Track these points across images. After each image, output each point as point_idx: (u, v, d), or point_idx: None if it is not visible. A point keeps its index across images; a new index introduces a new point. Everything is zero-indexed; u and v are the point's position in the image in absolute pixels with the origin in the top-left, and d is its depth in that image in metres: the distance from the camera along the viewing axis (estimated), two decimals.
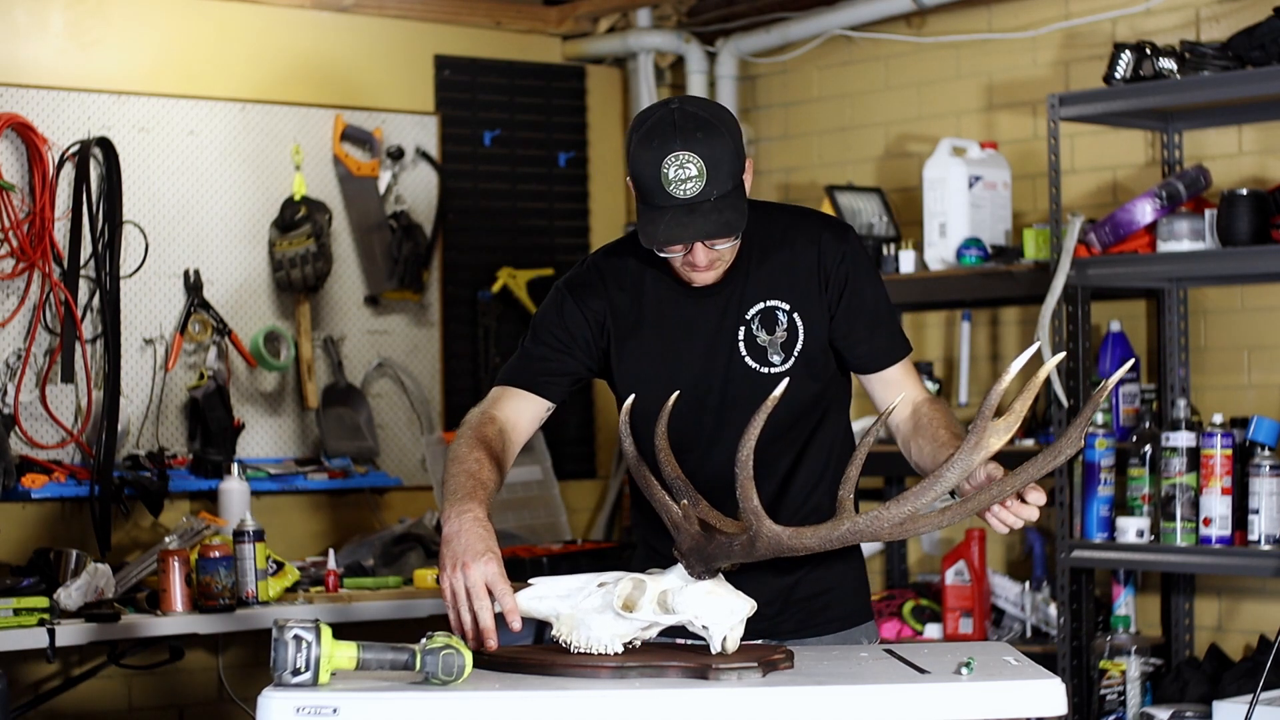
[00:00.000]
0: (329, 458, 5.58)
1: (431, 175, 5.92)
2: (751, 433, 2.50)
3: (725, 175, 2.82)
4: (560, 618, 2.66)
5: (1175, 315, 5.01)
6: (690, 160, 2.80)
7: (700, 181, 2.81)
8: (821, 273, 2.99)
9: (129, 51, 5.41)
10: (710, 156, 2.81)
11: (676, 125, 2.83)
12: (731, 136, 2.85)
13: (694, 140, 2.81)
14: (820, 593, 3.07)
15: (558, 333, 3.06)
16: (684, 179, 2.81)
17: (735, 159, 2.84)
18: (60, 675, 5.05)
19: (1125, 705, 4.78)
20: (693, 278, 2.96)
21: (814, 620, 3.06)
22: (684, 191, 2.81)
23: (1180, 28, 5.07)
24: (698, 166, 2.80)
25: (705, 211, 2.82)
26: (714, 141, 2.82)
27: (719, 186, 2.82)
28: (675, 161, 2.81)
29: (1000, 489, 2.53)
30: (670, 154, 2.81)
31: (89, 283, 5.20)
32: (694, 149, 2.81)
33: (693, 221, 2.83)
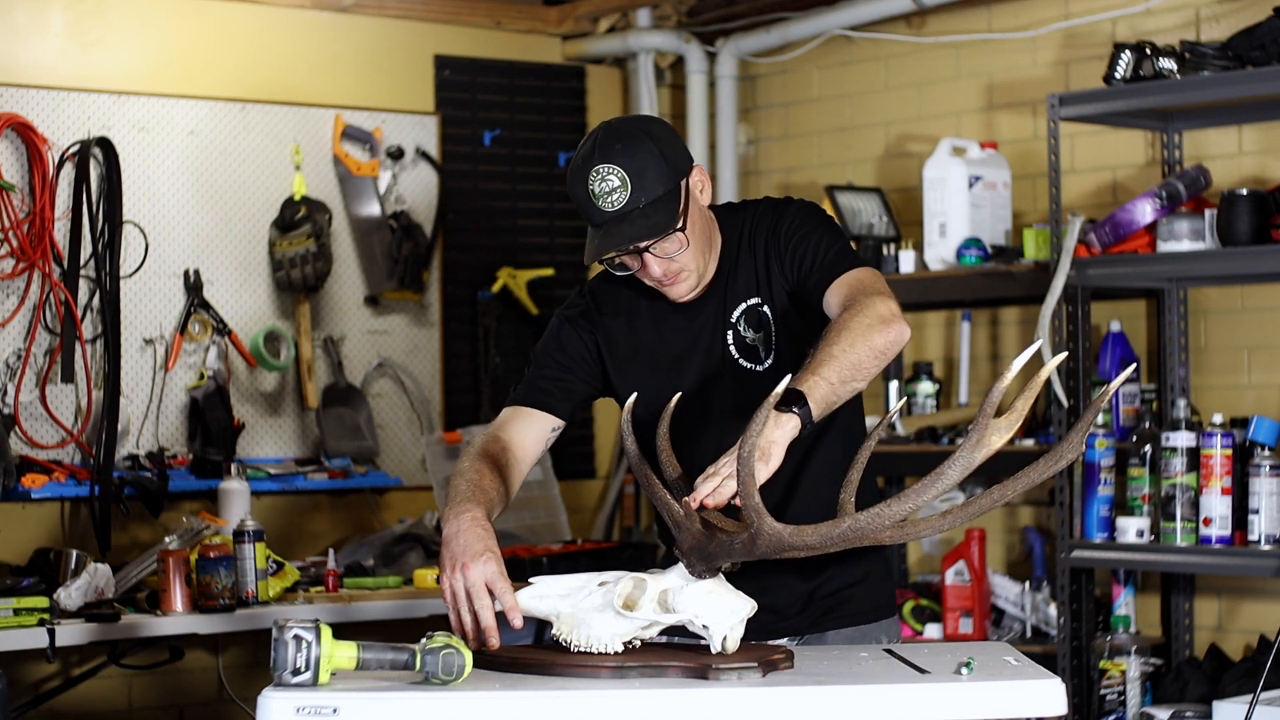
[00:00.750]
0: (329, 458, 5.58)
1: (431, 175, 5.92)
2: (753, 430, 2.50)
3: (651, 181, 2.89)
4: (560, 617, 2.66)
5: (1175, 315, 5.01)
6: (611, 172, 2.88)
7: (625, 191, 2.88)
8: (772, 251, 3.02)
9: (129, 51, 5.41)
10: (631, 166, 2.88)
11: (598, 143, 2.92)
12: (659, 143, 2.91)
13: (613, 153, 2.89)
14: (842, 589, 3.08)
15: (558, 358, 3.10)
16: (608, 191, 2.88)
17: (662, 164, 2.89)
18: (60, 675, 5.05)
19: (1125, 705, 4.78)
20: (667, 292, 3.01)
21: (833, 615, 3.08)
22: (611, 204, 2.89)
23: (1180, 28, 5.07)
24: (619, 177, 2.88)
25: (634, 219, 2.89)
26: (634, 151, 2.89)
27: (646, 194, 2.89)
28: (597, 176, 2.89)
29: (1002, 492, 2.53)
30: (592, 169, 2.90)
31: (89, 283, 5.20)
32: (613, 161, 2.88)
33: (620, 230, 2.89)
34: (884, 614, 3.14)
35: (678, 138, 2.99)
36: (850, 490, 2.76)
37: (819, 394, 2.68)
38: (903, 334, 2.80)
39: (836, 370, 2.71)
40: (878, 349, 2.75)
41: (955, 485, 2.50)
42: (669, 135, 2.96)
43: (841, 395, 2.73)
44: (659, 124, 2.98)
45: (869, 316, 2.77)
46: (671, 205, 2.91)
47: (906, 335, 2.81)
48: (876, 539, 2.54)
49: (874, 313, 2.78)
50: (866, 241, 5.37)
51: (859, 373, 2.74)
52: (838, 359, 2.72)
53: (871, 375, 2.77)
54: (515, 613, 2.70)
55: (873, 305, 2.79)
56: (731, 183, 6.21)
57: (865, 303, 2.80)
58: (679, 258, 2.95)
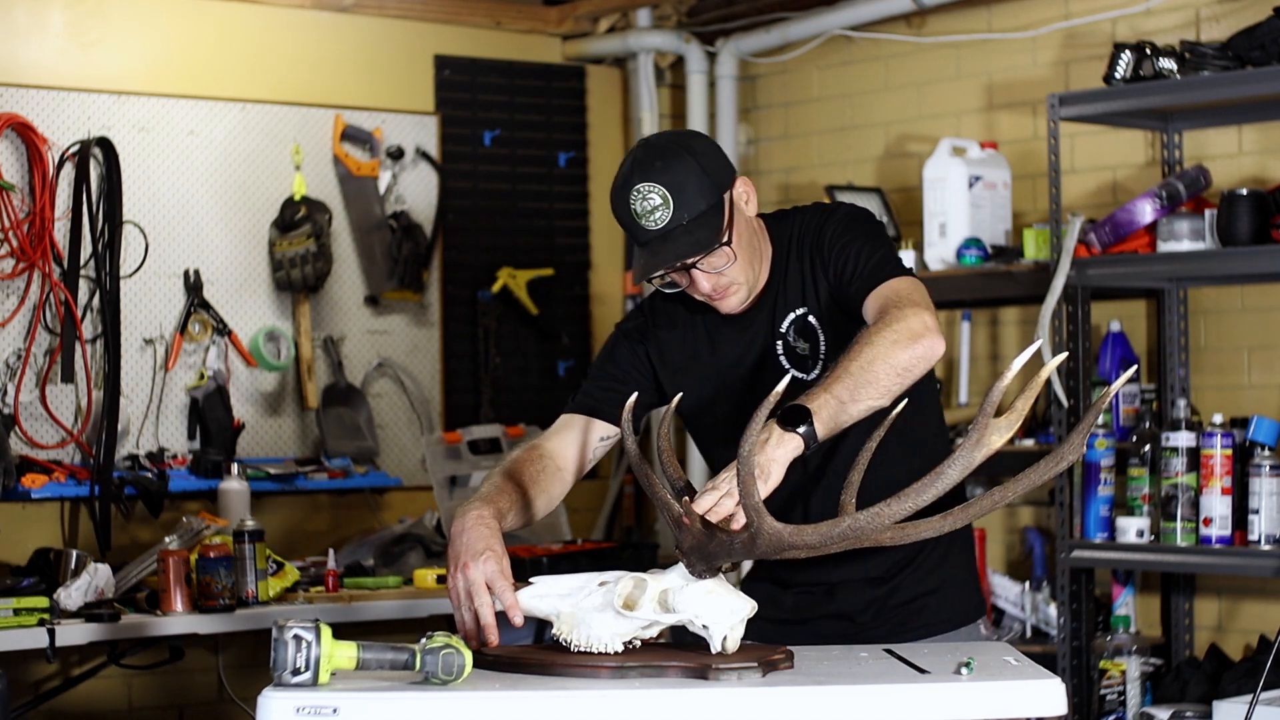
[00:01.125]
0: (329, 458, 5.58)
1: (431, 175, 5.92)
2: (753, 428, 2.50)
3: (694, 197, 2.87)
4: (561, 616, 2.66)
5: (1175, 315, 5.01)
6: (652, 190, 2.87)
7: (667, 209, 2.86)
8: (817, 259, 2.99)
9: (129, 51, 5.41)
10: (671, 183, 2.86)
11: (637, 161, 2.90)
12: (699, 157, 2.89)
13: (652, 171, 2.87)
14: (916, 597, 3.03)
15: (611, 370, 3.11)
16: (650, 210, 2.87)
17: (703, 179, 2.88)
18: (60, 675, 5.05)
19: (1125, 705, 4.78)
20: (718, 306, 2.99)
21: (908, 625, 3.02)
22: (654, 222, 2.87)
23: (1180, 28, 5.07)
24: (660, 195, 2.86)
25: (678, 236, 2.87)
26: (674, 167, 2.87)
27: (689, 210, 2.87)
28: (638, 195, 2.88)
29: (1003, 494, 2.53)
30: (633, 189, 2.88)
31: (89, 283, 5.20)
32: (653, 179, 2.87)
33: (665, 248, 2.88)
34: (963, 621, 3.06)
35: (719, 151, 2.96)
36: (851, 491, 2.76)
37: (826, 413, 2.66)
38: (933, 349, 2.73)
39: (849, 388, 2.67)
40: (900, 366, 2.70)
41: (955, 485, 2.50)
42: (710, 149, 2.94)
43: (853, 414, 2.69)
44: (699, 138, 2.96)
45: (896, 331, 2.72)
46: (715, 220, 2.89)
47: (938, 350, 2.74)
48: (876, 540, 2.54)
49: (903, 326, 2.73)
50: None
51: (875, 390, 2.69)
52: (853, 376, 2.68)
53: (893, 391, 2.71)
54: (515, 610, 2.71)
55: (904, 319, 2.74)
56: None
57: (896, 315, 2.75)
58: (727, 271, 2.93)
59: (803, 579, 3.06)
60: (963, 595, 3.09)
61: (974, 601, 3.11)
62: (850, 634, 3.02)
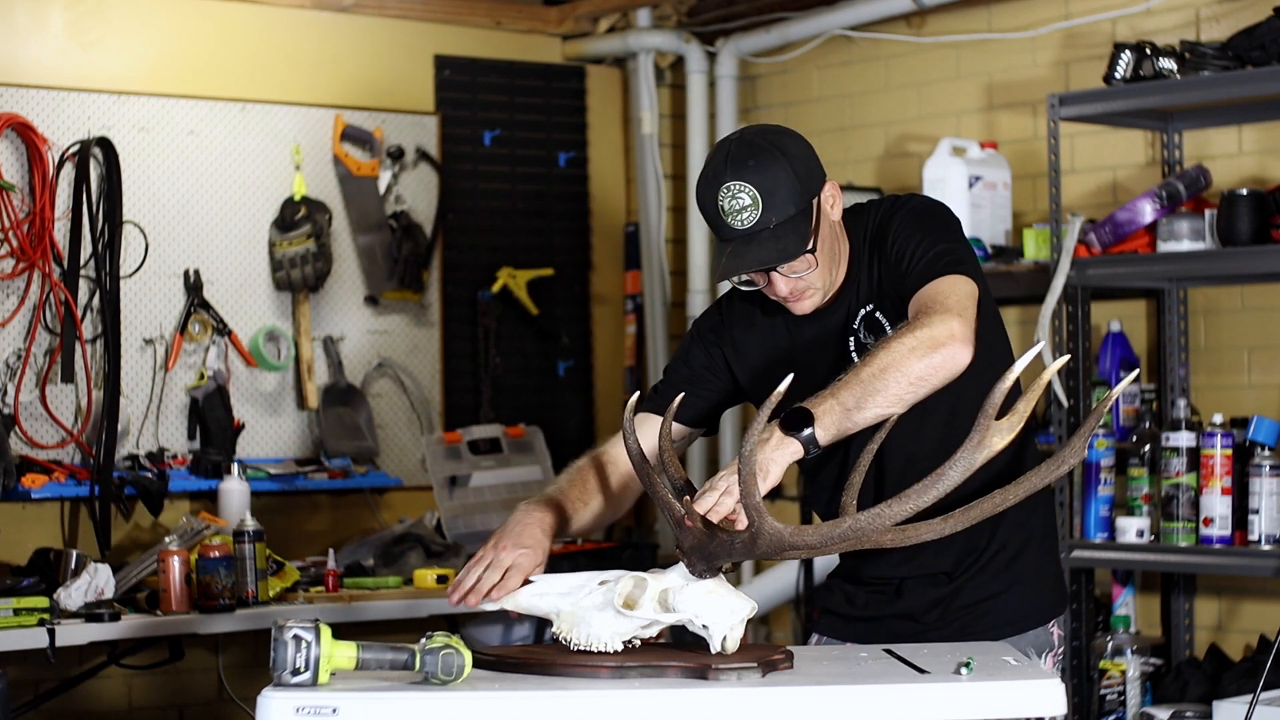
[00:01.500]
0: (329, 458, 5.58)
1: (431, 175, 5.92)
2: (755, 428, 2.50)
3: (784, 201, 2.82)
4: (561, 615, 2.66)
5: (1175, 315, 5.01)
6: (743, 190, 2.82)
7: (755, 210, 2.81)
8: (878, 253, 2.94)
9: (129, 51, 5.41)
10: (763, 184, 2.81)
11: (730, 156, 2.84)
12: (793, 160, 2.84)
13: (745, 169, 2.82)
14: (980, 600, 2.98)
15: (684, 371, 3.10)
16: (738, 209, 2.82)
17: (795, 183, 2.83)
18: (60, 675, 5.05)
19: (1125, 705, 4.78)
20: (791, 307, 2.95)
21: (972, 629, 2.96)
22: (741, 222, 2.82)
23: (1180, 28, 5.07)
24: (750, 195, 2.81)
25: (763, 240, 2.82)
26: (768, 168, 2.82)
27: (777, 213, 2.82)
28: (728, 193, 2.82)
29: (1004, 496, 2.53)
30: (723, 185, 2.83)
31: (89, 283, 5.20)
32: (745, 178, 2.81)
33: (749, 251, 2.83)
34: (1030, 624, 3.00)
35: (812, 153, 2.92)
36: (852, 493, 2.75)
37: (829, 419, 2.64)
38: (955, 358, 2.68)
39: (856, 395, 2.65)
40: (914, 375, 2.66)
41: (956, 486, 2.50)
42: (804, 151, 2.89)
43: (859, 421, 2.67)
44: (793, 138, 2.91)
45: (916, 338, 2.68)
46: (802, 227, 2.84)
47: (959, 360, 2.69)
48: (877, 541, 2.54)
49: (925, 334, 2.68)
50: None
51: (885, 398, 2.66)
52: (864, 384, 2.66)
53: (907, 400, 2.68)
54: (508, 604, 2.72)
55: (929, 325, 2.70)
56: None
57: (922, 321, 2.71)
58: (806, 276, 2.89)
59: (872, 574, 3.02)
60: (1032, 597, 3.01)
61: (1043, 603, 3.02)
62: (916, 634, 2.97)
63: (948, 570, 2.98)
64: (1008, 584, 2.99)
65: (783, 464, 2.64)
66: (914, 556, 2.90)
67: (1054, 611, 3.05)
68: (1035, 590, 3.02)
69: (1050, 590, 3.05)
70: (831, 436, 2.66)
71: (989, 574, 2.98)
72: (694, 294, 6.18)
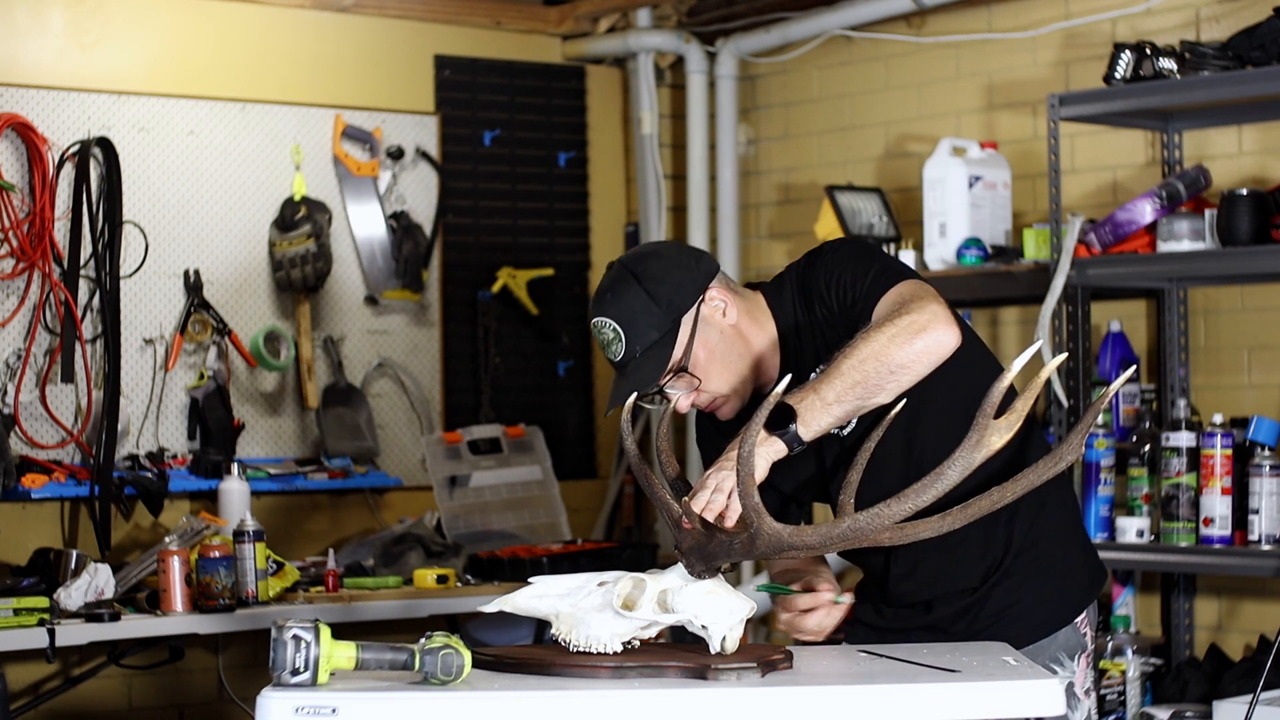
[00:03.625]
0: (329, 458, 5.58)
1: (431, 175, 5.92)
2: (751, 431, 2.50)
3: (645, 328, 2.82)
4: (560, 616, 2.66)
5: (1175, 315, 5.01)
6: (605, 325, 2.86)
7: (620, 343, 2.85)
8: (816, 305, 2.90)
9: (129, 51, 5.41)
10: (620, 315, 2.84)
11: (597, 294, 2.89)
12: (652, 284, 2.83)
13: (604, 304, 2.86)
14: (1008, 607, 2.94)
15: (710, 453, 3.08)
16: (606, 343, 2.87)
17: (652, 307, 2.82)
18: (60, 675, 5.05)
19: (1125, 705, 4.78)
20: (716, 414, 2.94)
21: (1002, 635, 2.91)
22: (613, 354, 2.87)
23: (1180, 28, 5.07)
24: (612, 329, 2.85)
25: (630, 371, 2.85)
26: (623, 299, 2.84)
27: (641, 341, 2.83)
28: (596, 329, 2.88)
29: (1002, 494, 2.53)
30: (592, 322, 2.89)
31: (89, 283, 5.20)
32: (605, 313, 2.85)
33: (620, 383, 2.86)
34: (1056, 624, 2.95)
35: (680, 270, 2.87)
36: (849, 492, 2.75)
37: (810, 415, 2.64)
38: (941, 341, 2.67)
39: (837, 389, 2.65)
40: (896, 363, 2.66)
41: (955, 486, 2.50)
42: (664, 270, 2.85)
43: (840, 414, 2.67)
44: (655, 260, 2.87)
45: (896, 326, 2.67)
46: (664, 352, 2.83)
47: (947, 341, 2.68)
48: (876, 540, 2.54)
49: (905, 321, 2.67)
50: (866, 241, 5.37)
51: (867, 390, 2.66)
52: (844, 376, 2.65)
53: (891, 390, 2.67)
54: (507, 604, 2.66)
55: (907, 313, 2.69)
56: (731, 183, 6.21)
57: (899, 311, 2.70)
58: (704, 387, 2.88)
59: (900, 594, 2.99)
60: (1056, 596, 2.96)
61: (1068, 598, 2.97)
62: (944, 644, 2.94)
63: (975, 585, 2.95)
64: (1031, 587, 2.94)
65: (767, 458, 2.64)
66: (939, 577, 2.90)
67: (1083, 602, 2.99)
68: (1060, 588, 2.97)
69: (1076, 581, 2.99)
70: (815, 433, 2.66)
71: (1014, 579, 2.94)
72: None
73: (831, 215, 5.44)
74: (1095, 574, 3.05)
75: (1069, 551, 3.00)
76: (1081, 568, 3.02)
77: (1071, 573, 2.99)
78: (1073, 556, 3.01)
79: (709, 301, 2.88)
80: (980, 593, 2.95)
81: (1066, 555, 2.99)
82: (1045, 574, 2.96)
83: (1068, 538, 3.00)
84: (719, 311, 2.89)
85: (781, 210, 6.17)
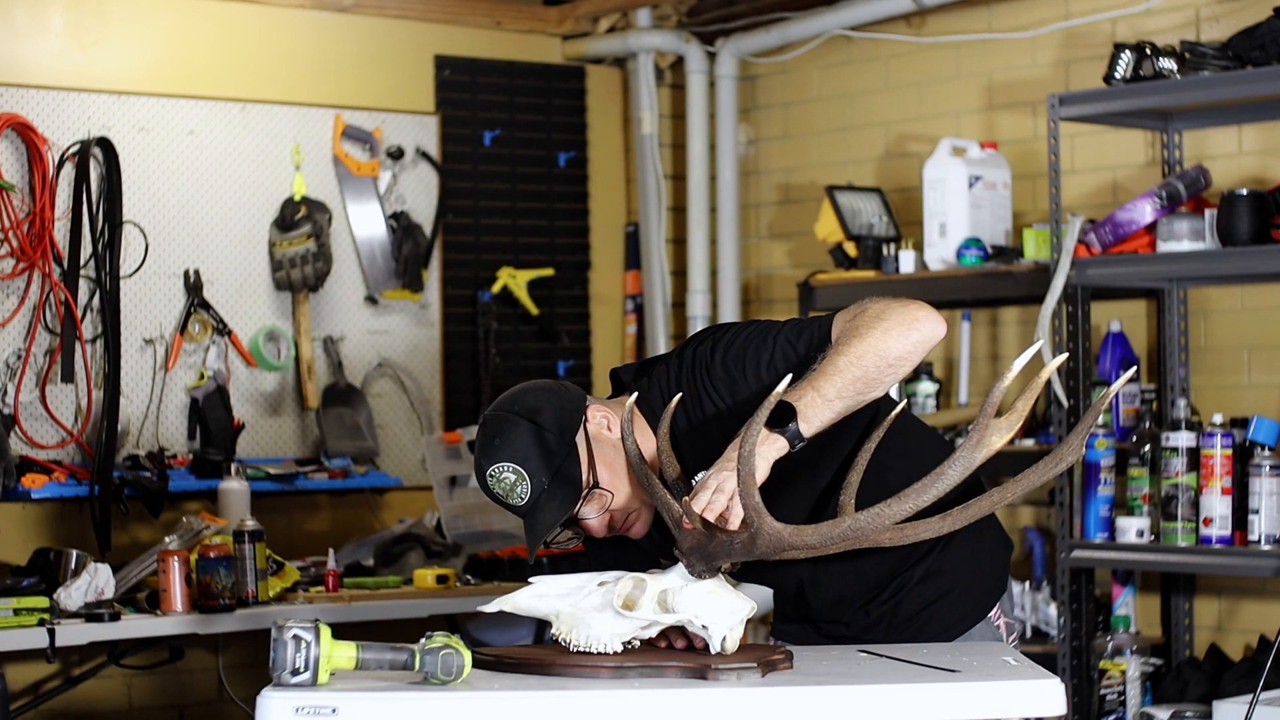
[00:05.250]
0: (329, 458, 5.58)
1: (431, 175, 5.92)
2: (751, 432, 2.50)
3: (544, 458, 2.77)
4: (560, 616, 2.66)
5: (1175, 315, 5.01)
6: (504, 470, 2.78)
7: (525, 483, 2.78)
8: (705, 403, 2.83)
9: (129, 51, 5.41)
10: (516, 455, 2.77)
11: (480, 445, 2.81)
12: (535, 415, 2.79)
13: (494, 452, 2.78)
14: (922, 609, 2.95)
15: None
16: (508, 489, 2.79)
17: (544, 436, 2.78)
18: (60, 675, 5.05)
19: (1125, 705, 4.78)
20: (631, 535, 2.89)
21: (920, 635, 2.94)
22: (518, 498, 2.79)
23: (1180, 28, 5.07)
24: (512, 470, 2.78)
25: (543, 504, 2.79)
26: (514, 440, 2.78)
27: (544, 474, 2.78)
28: (492, 479, 2.79)
29: (1002, 494, 2.53)
30: (485, 474, 2.80)
31: (89, 283, 5.20)
32: (499, 459, 2.78)
33: (539, 520, 2.79)
34: (972, 620, 2.97)
35: (552, 395, 2.84)
36: (850, 492, 2.75)
37: (812, 412, 2.63)
38: (932, 332, 2.67)
39: (837, 385, 2.65)
40: (893, 356, 2.66)
41: (955, 485, 2.50)
42: (541, 401, 2.81)
43: (841, 410, 2.66)
44: (527, 396, 2.83)
45: (888, 321, 2.67)
46: (571, 475, 2.79)
47: (938, 333, 2.68)
48: (876, 540, 2.54)
49: (895, 317, 2.67)
50: (866, 241, 5.37)
51: (867, 385, 2.66)
52: (842, 373, 2.65)
53: (888, 383, 2.68)
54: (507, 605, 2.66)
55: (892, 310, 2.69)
56: (732, 183, 6.21)
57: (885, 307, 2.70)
58: (614, 505, 2.84)
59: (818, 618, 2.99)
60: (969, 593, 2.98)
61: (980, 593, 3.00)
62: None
63: (884, 594, 2.95)
64: (944, 588, 2.95)
65: (769, 458, 2.63)
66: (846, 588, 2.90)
67: (993, 598, 3.01)
68: (971, 585, 2.98)
69: (987, 576, 3.01)
70: (815, 429, 2.65)
71: (923, 584, 2.94)
72: (694, 294, 6.19)
73: (831, 215, 5.44)
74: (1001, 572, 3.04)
75: (976, 551, 3.00)
76: (991, 564, 3.02)
77: (980, 570, 3.00)
78: (980, 554, 3.01)
79: (592, 419, 2.85)
80: (890, 602, 2.95)
81: (973, 554, 2.99)
82: (953, 573, 2.96)
83: (973, 538, 2.98)
84: (604, 427, 2.86)
85: (781, 210, 6.17)
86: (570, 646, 2.62)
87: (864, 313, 2.72)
